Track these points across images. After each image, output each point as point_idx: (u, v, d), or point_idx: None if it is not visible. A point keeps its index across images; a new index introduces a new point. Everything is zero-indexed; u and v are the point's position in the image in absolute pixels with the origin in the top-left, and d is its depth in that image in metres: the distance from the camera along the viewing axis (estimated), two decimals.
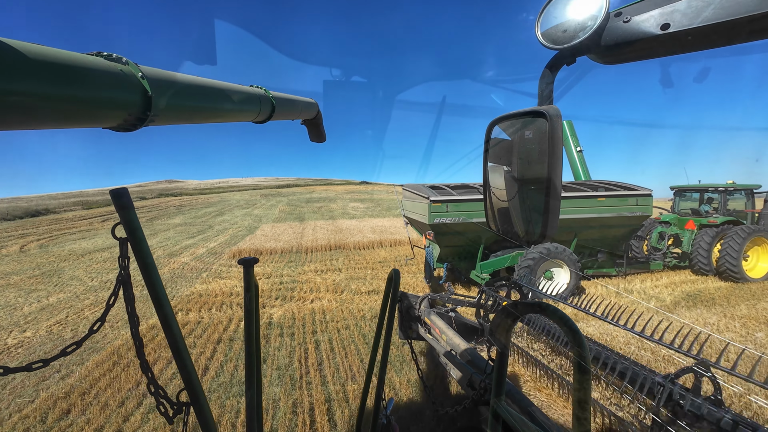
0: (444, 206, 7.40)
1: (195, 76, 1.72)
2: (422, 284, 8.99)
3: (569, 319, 0.90)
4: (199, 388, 1.26)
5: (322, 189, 64.84)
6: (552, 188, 0.79)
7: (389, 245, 14.78)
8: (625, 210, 8.31)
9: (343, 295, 8.43)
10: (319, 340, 5.80)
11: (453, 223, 7.47)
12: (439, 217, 7.39)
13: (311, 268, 11.33)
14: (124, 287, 1.22)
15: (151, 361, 5.39)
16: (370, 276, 10.07)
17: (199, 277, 10.60)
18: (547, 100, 0.87)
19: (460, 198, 7.55)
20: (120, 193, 1.12)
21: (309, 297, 8.26)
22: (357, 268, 11.13)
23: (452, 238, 7.90)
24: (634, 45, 0.75)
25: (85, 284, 10.05)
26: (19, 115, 0.92)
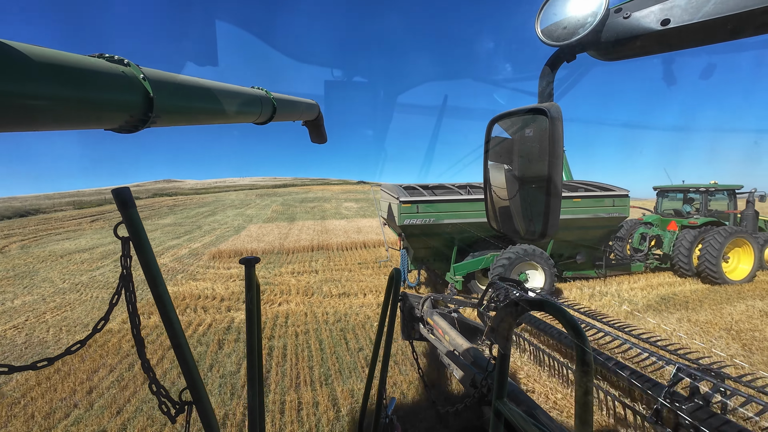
0: (414, 207, 7.21)
1: (196, 77, 1.74)
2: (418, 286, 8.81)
3: (571, 317, 0.89)
4: (201, 387, 1.25)
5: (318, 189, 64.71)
6: (552, 186, 0.79)
7: (373, 246, 14.62)
8: (602, 211, 8.14)
9: (313, 298, 8.26)
10: (274, 345, 5.63)
11: (424, 224, 7.27)
12: (410, 218, 7.20)
13: (289, 269, 11.16)
14: (126, 286, 1.20)
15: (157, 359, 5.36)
16: (345, 278, 9.90)
17: (173, 279, 10.43)
18: (547, 98, 0.86)
19: (431, 199, 7.36)
20: (122, 192, 1.11)
21: (277, 300, 8.09)
22: (334, 270, 10.96)
23: (425, 239, 7.73)
24: (634, 41, 0.74)
25: (56, 286, 9.89)
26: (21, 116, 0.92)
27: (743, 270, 9.10)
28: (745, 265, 9.14)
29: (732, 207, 10.14)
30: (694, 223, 9.35)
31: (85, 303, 8.35)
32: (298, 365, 5.01)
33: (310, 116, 3.70)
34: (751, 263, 8.97)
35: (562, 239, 8.35)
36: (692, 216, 10.00)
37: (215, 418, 1.31)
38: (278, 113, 2.56)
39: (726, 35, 0.67)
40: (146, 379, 4.75)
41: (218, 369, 4.96)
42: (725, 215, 10.14)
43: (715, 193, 10.14)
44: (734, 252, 9.26)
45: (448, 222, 7.35)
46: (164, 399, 1.28)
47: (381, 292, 8.45)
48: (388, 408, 2.20)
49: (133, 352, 5.46)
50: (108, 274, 11.21)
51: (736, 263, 9.28)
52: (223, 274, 10.67)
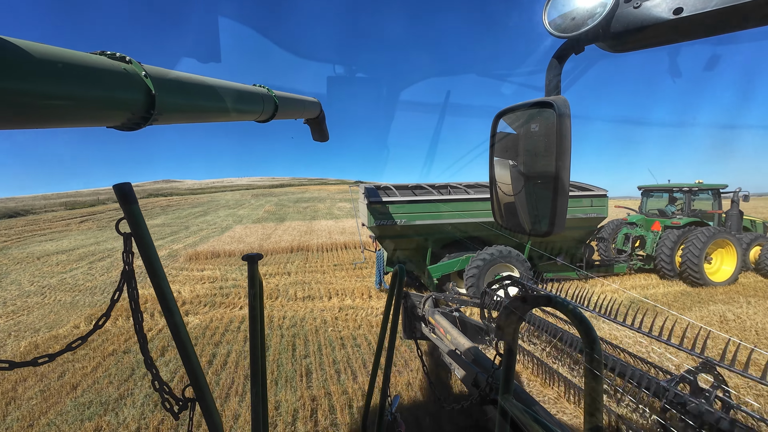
0: (385, 208, 7.02)
1: (198, 75, 1.72)
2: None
3: (580, 313, 0.87)
4: (204, 384, 1.24)
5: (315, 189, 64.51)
6: (560, 183, 0.77)
7: (354, 247, 14.42)
8: (579, 211, 7.94)
9: (276, 301, 8.07)
10: (217, 352, 5.44)
11: (395, 225, 7.07)
12: (380, 220, 7.01)
13: (262, 271, 10.93)
14: (128, 282, 1.19)
15: None
16: (316, 281, 9.70)
17: (141, 281, 10.25)
18: (554, 91, 0.83)
19: (401, 200, 7.15)
20: (123, 188, 1.09)
21: (239, 303, 7.90)
22: (307, 272, 10.76)
23: (399, 241, 7.54)
24: (645, 31, 0.71)
25: (22, 289, 9.73)
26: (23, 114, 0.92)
27: (726, 271, 8.87)
28: (727, 267, 8.90)
29: (717, 206, 9.89)
30: (677, 223, 9.13)
31: (45, 307, 8.17)
32: (235, 374, 4.81)
33: (312, 114, 3.71)
34: (734, 264, 8.75)
35: (540, 240, 8.10)
36: (675, 216, 9.76)
37: (218, 415, 1.29)
38: (280, 111, 2.54)
39: (741, 24, 0.64)
40: (74, 385, 4.58)
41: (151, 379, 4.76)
42: (710, 215, 9.91)
43: (698, 193, 9.86)
44: (717, 253, 9.05)
45: (420, 223, 7.14)
46: (167, 396, 1.26)
47: (347, 294, 8.26)
48: (392, 405, 2.18)
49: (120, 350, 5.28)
50: (79, 276, 11.05)
51: (719, 264, 9.06)
52: (194, 277, 10.49)
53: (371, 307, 7.31)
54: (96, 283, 10.13)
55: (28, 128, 1.00)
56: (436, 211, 7.23)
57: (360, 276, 10.05)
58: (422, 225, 7.20)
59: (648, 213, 10.69)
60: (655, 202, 10.88)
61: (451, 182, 8.64)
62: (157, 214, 31.08)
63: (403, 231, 7.20)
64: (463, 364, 2.58)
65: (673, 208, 10.22)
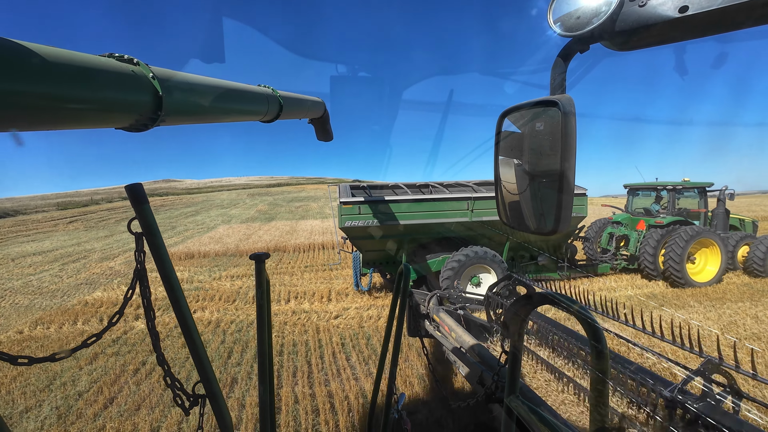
0: (355, 208, 6.80)
1: (204, 76, 1.73)
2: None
3: (586, 311, 0.88)
4: (214, 381, 1.25)
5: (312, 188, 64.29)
6: (565, 181, 0.76)
7: (332, 247, 14.20)
8: None
9: (234, 304, 7.84)
10: (148, 361, 5.21)
11: (367, 226, 6.86)
12: (351, 220, 6.80)
13: (231, 273, 10.75)
14: (140, 281, 1.20)
15: None
16: (281, 283, 9.47)
17: (108, 283, 10.07)
18: (559, 90, 0.83)
19: (373, 200, 6.91)
20: (135, 189, 1.08)
21: (194, 307, 7.68)
22: (277, 274, 10.53)
23: (373, 242, 7.32)
24: (650, 30, 0.71)
25: None
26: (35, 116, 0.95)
27: (710, 272, 8.60)
28: (711, 267, 8.63)
29: (702, 205, 9.60)
30: (660, 222, 8.89)
31: None
32: (159, 384, 4.59)
33: (316, 114, 3.73)
34: (717, 264, 8.49)
35: (518, 241, 7.92)
36: (660, 215, 9.53)
37: (228, 412, 1.30)
38: (285, 111, 2.55)
39: (748, 21, 0.63)
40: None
41: (71, 386, 4.55)
42: (695, 214, 9.64)
43: (683, 191, 9.60)
44: (701, 253, 8.77)
45: (392, 224, 6.92)
46: (178, 392, 1.27)
47: (307, 297, 8.03)
48: (398, 403, 2.19)
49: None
50: (46, 279, 10.87)
51: (703, 264, 8.78)
52: (159, 280, 10.27)
53: (326, 311, 7.07)
54: (60, 286, 9.94)
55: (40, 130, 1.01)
56: (407, 211, 6.99)
57: (328, 278, 9.81)
58: (393, 225, 6.96)
59: (634, 212, 10.47)
60: (642, 200, 10.63)
61: (432, 181, 8.45)
62: None
63: (375, 232, 6.99)
64: (468, 362, 2.57)
65: (658, 207, 9.98)
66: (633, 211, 10.53)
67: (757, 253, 8.70)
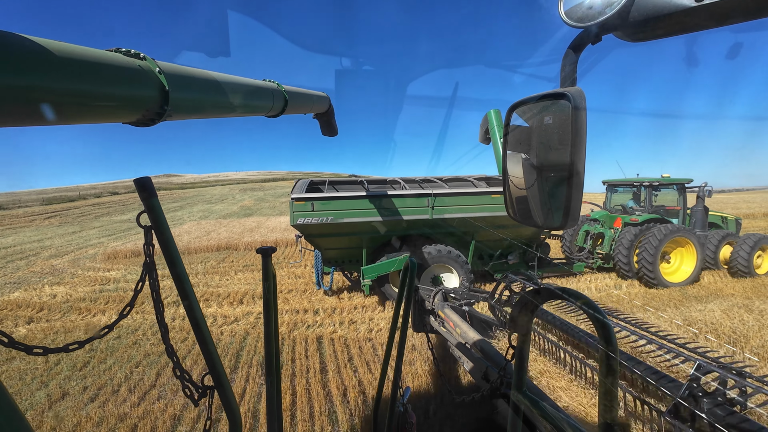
0: (308, 205, 6.41)
1: (210, 71, 1.74)
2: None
3: (596, 306, 0.88)
4: (222, 373, 1.27)
5: None
6: (575, 176, 0.75)
7: (286, 245, 13.82)
8: None
9: (141, 306, 7.47)
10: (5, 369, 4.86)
11: (321, 223, 6.47)
12: (304, 217, 6.42)
13: (166, 272, 10.38)
14: (150, 274, 1.20)
15: None
16: (206, 283, 9.09)
17: (36, 283, 9.77)
18: (570, 82, 0.80)
19: (328, 196, 6.54)
20: (144, 182, 1.05)
21: (106, 309, 7.29)
22: (211, 273, 10.11)
23: (331, 240, 6.92)
24: (665, 19, 0.68)
25: None
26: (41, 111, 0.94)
27: (684, 272, 8.25)
28: (687, 267, 8.25)
29: (681, 202, 9.19)
30: (636, 220, 8.55)
31: None
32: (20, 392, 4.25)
33: (321, 109, 3.71)
34: (693, 264, 8.13)
35: (484, 239, 7.50)
36: (635, 212, 9.21)
37: (236, 403, 1.33)
38: (289, 106, 2.55)
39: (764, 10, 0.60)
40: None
41: None
42: (673, 211, 9.30)
43: (660, 188, 9.23)
44: (677, 252, 8.39)
45: (348, 221, 6.55)
46: (187, 383, 1.28)
47: (223, 299, 7.63)
48: (403, 396, 2.21)
49: None
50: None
51: (679, 264, 8.40)
52: (95, 278, 9.90)
53: (228, 316, 6.64)
54: None
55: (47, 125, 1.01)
56: (363, 208, 6.62)
57: (297, 275, 9.46)
58: (350, 223, 6.59)
59: (612, 209, 9.99)
60: (621, 197, 10.27)
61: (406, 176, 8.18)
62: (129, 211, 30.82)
63: (331, 229, 6.60)
64: (473, 358, 2.59)
65: (633, 204, 9.65)
66: (611, 208, 10.12)
67: (741, 253, 8.28)
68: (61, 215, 27.70)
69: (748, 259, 8.23)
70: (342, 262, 7.56)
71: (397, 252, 7.03)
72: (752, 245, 8.25)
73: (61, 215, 27.70)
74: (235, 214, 26.71)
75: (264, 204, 33.63)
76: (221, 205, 34.09)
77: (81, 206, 33.80)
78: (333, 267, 7.48)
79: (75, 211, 30.39)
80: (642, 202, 9.41)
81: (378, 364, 4.70)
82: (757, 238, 8.35)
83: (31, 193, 61.18)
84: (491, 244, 7.74)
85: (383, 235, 7.09)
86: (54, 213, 29.18)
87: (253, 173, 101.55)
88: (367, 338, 5.57)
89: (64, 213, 28.87)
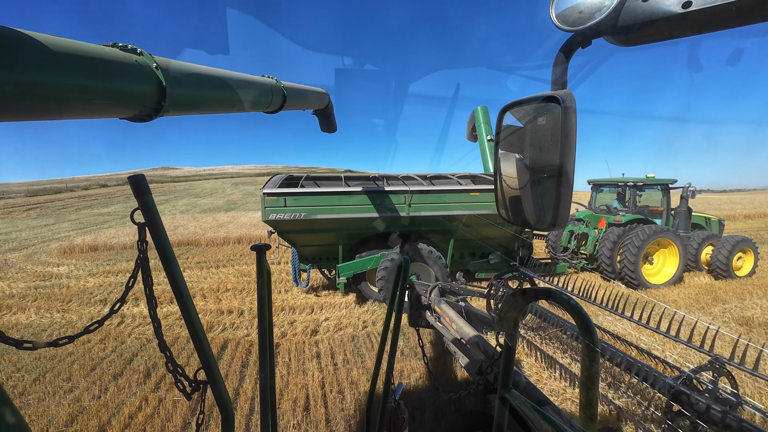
0: (281, 200, 6.24)
1: (208, 66, 1.76)
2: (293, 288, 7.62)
3: (579, 307, 0.92)
4: (215, 368, 1.27)
5: None
6: (564, 177, 0.77)
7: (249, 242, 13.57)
8: None
9: (70, 304, 7.23)
10: None
11: (294, 219, 6.29)
12: (276, 213, 6.26)
13: (113, 268, 10.05)
14: (143, 270, 1.22)
15: None
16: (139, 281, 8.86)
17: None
18: (561, 85, 0.82)
19: (301, 191, 6.34)
20: (137, 180, 1.05)
21: (24, 307, 7.10)
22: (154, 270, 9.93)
23: (305, 236, 6.72)
24: (653, 25, 0.70)
25: None
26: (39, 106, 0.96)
27: (667, 273, 8.17)
28: (669, 268, 8.15)
29: (665, 203, 9.14)
30: (619, 220, 8.54)
31: None
32: None
33: (320, 105, 3.72)
34: (675, 266, 8.05)
35: (462, 238, 7.31)
36: (619, 213, 9.18)
37: (228, 397, 1.32)
38: (288, 102, 2.58)
39: (752, 18, 0.62)
40: None
41: None
42: (656, 212, 9.24)
43: (643, 188, 9.20)
44: (660, 253, 8.30)
45: (321, 217, 6.38)
46: (180, 378, 1.30)
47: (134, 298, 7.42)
48: (395, 393, 2.23)
49: None
50: None
51: (661, 265, 8.31)
52: (40, 273, 9.56)
53: (137, 316, 6.46)
54: None
55: (44, 120, 1.02)
56: (338, 204, 6.47)
57: (206, 276, 9.22)
58: (324, 219, 6.43)
59: (596, 209, 9.91)
60: (606, 197, 10.21)
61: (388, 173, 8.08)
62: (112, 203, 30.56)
63: (304, 225, 6.42)
64: (467, 353, 2.64)
65: (618, 204, 9.61)
66: (596, 208, 10.01)
67: (720, 255, 8.24)
68: (42, 207, 27.46)
69: (727, 261, 8.14)
70: (320, 259, 7.38)
71: (373, 251, 6.86)
72: (731, 247, 8.16)
73: (43, 207, 27.47)
74: (218, 208, 26.47)
75: (251, 198, 33.37)
76: (208, 200, 33.83)
77: (66, 198, 33.57)
78: (310, 264, 7.28)
79: (58, 203, 30.15)
80: (627, 202, 9.30)
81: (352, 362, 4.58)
82: (736, 240, 8.24)
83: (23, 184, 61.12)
84: (471, 243, 7.56)
85: (359, 232, 6.95)
86: (36, 205, 28.95)
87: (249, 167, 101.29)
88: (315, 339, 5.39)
89: (46, 205, 28.63)
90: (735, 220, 19.83)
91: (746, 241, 8.35)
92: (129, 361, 4.84)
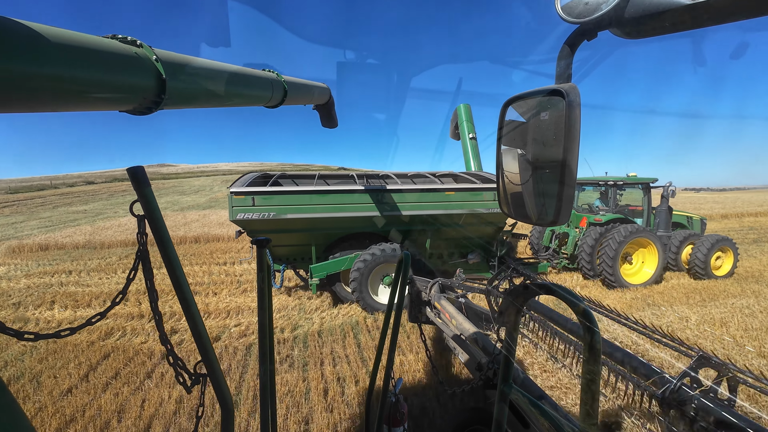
0: (249, 199, 5.96)
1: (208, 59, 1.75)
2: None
3: (581, 301, 0.89)
4: (215, 361, 1.28)
5: None
6: (567, 172, 0.76)
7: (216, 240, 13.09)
8: (480, 206, 6.82)
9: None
10: None
11: (263, 219, 6.03)
12: (243, 212, 5.99)
13: (57, 268, 9.59)
14: (143, 262, 1.17)
15: None
16: (76, 282, 8.35)
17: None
18: (566, 79, 0.81)
19: (269, 190, 6.07)
20: (137, 172, 1.04)
21: None
22: (91, 271, 9.43)
23: (276, 236, 6.45)
24: (660, 17, 0.68)
25: None
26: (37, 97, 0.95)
27: (646, 273, 8.05)
28: (649, 268, 8.03)
29: (646, 202, 9.00)
30: (599, 220, 8.40)
31: None
32: None
33: (322, 100, 3.66)
34: (655, 265, 7.92)
35: (440, 238, 7.07)
36: (599, 212, 9.11)
37: (228, 390, 1.33)
38: (289, 97, 2.59)
39: (762, 9, 0.61)
40: None
41: None
42: (637, 211, 9.18)
43: (624, 187, 9.08)
44: (639, 253, 8.17)
45: (291, 217, 6.14)
46: (181, 370, 1.28)
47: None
48: (395, 387, 2.25)
49: None
50: None
51: (641, 265, 8.19)
52: None
53: (49, 320, 5.97)
54: None
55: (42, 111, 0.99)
56: (309, 203, 6.23)
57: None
58: (295, 219, 6.19)
59: (578, 208, 9.73)
60: (588, 195, 10.11)
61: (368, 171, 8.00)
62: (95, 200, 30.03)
63: (274, 225, 6.18)
64: (467, 349, 2.65)
65: (599, 203, 9.56)
66: (578, 207, 9.81)
67: (699, 254, 8.06)
68: (19, 205, 26.92)
69: (705, 260, 8.02)
70: (294, 259, 7.16)
71: (346, 251, 6.70)
72: (710, 246, 8.00)
73: (20, 205, 26.91)
74: (197, 206, 25.94)
75: None
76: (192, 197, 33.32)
77: (47, 196, 33.02)
78: (283, 265, 7.07)
79: (38, 200, 29.65)
80: (609, 201, 9.23)
81: None
82: (715, 239, 8.08)
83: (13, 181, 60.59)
84: (448, 243, 7.34)
85: (332, 232, 6.77)
86: (15, 202, 28.41)
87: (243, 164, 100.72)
88: None
89: (24, 202, 28.11)
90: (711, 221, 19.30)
91: (725, 240, 8.16)
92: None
